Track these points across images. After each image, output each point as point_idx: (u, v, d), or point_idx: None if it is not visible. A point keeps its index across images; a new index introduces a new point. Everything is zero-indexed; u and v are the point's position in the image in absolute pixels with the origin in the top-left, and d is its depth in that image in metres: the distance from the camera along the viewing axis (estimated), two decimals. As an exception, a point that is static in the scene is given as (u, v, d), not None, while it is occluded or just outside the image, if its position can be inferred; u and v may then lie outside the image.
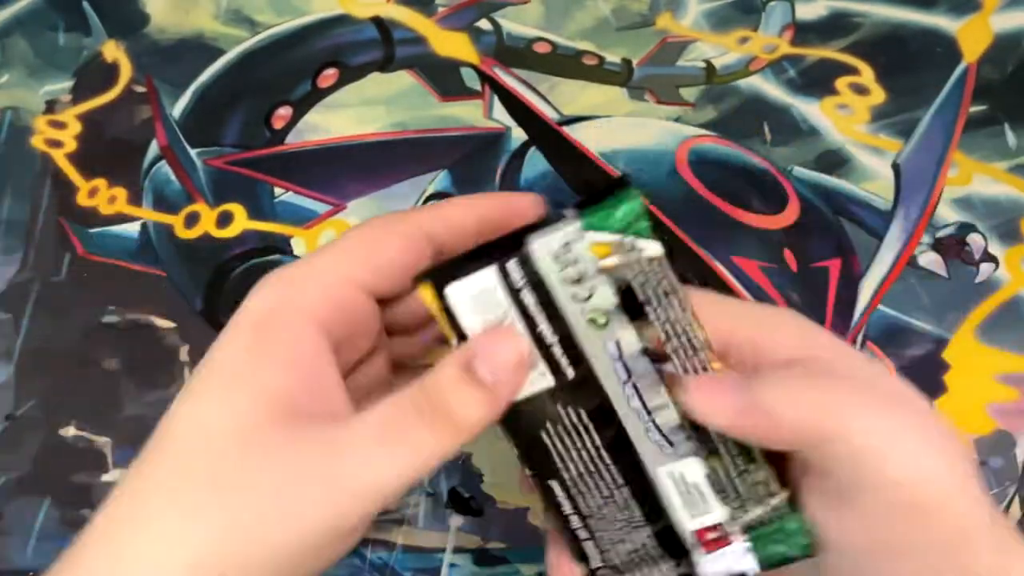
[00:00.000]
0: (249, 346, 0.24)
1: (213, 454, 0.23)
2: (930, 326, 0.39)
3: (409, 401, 0.23)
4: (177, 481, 0.23)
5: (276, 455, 0.23)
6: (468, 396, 0.23)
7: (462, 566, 0.36)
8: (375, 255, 0.26)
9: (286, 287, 0.25)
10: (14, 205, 0.41)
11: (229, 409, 0.23)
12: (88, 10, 0.44)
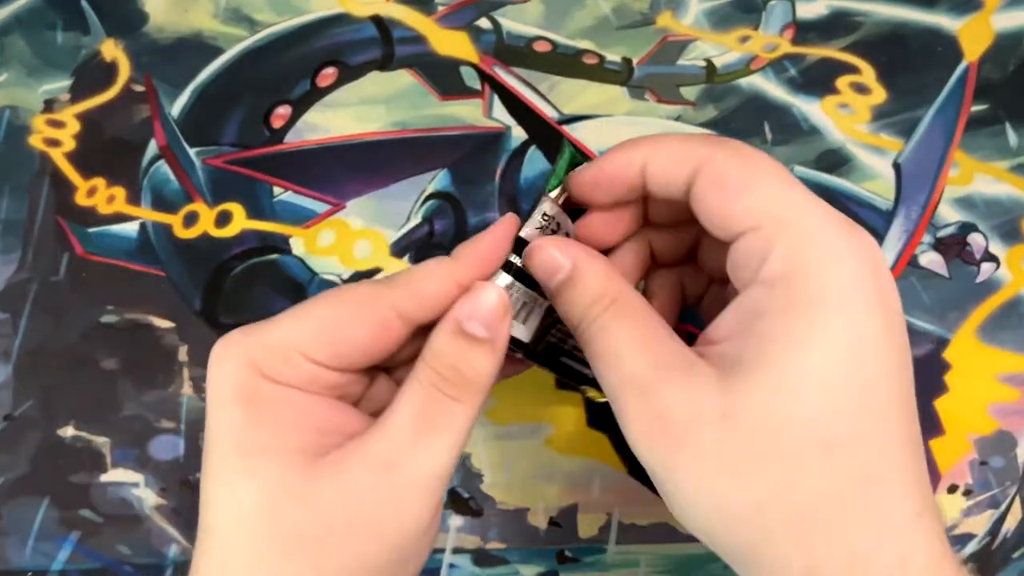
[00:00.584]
0: (245, 420, 0.24)
1: (272, 526, 0.23)
2: (931, 326, 0.39)
3: (426, 386, 0.25)
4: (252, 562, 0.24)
5: (331, 496, 0.24)
6: (473, 355, 0.25)
7: (461, 566, 0.36)
8: (336, 340, 0.25)
9: (250, 359, 0.25)
10: (12, 204, 0.41)
11: (262, 481, 0.24)
12: (87, 9, 0.44)
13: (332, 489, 0.24)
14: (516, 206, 0.41)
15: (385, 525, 0.24)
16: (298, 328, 0.25)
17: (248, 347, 0.25)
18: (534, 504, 0.37)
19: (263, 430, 0.24)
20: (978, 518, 0.37)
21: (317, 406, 0.26)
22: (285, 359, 0.25)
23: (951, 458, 0.37)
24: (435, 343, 0.25)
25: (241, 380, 0.25)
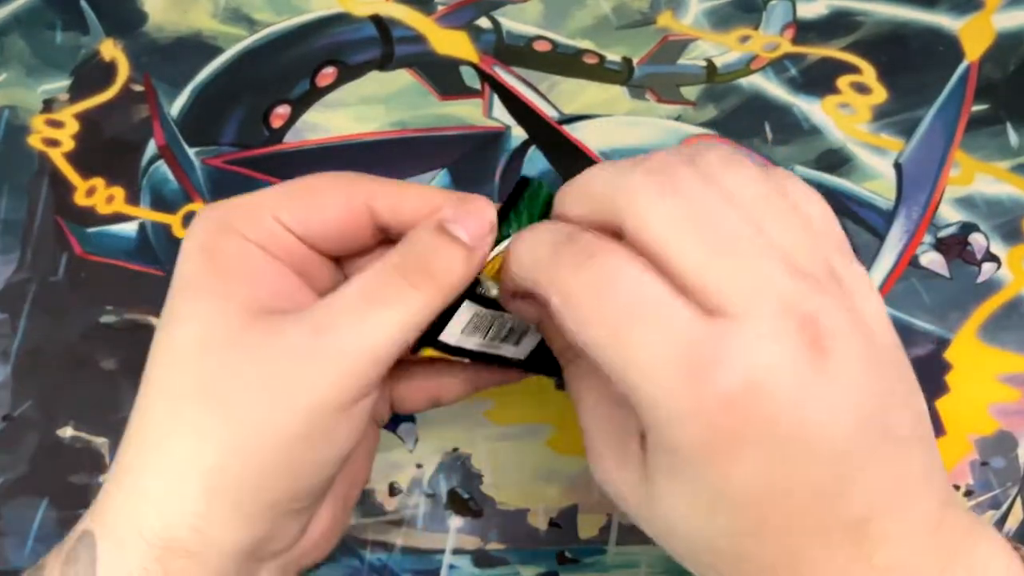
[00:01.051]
0: (203, 265, 0.25)
1: (197, 368, 0.24)
2: (932, 326, 0.39)
3: (390, 265, 0.24)
4: (170, 406, 0.24)
5: (258, 348, 0.23)
6: (448, 253, 0.24)
7: (461, 567, 0.36)
8: (306, 207, 0.26)
9: (219, 217, 0.26)
10: (11, 204, 0.41)
11: (199, 323, 0.24)
12: (86, 9, 0.44)
13: (258, 343, 0.23)
14: (516, 206, 0.41)
15: (299, 390, 0.23)
16: (272, 192, 0.26)
17: (223, 209, 0.26)
18: (534, 505, 0.37)
19: (216, 276, 0.25)
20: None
21: (273, 268, 0.26)
22: (254, 216, 0.26)
23: (952, 459, 0.37)
24: (410, 235, 0.25)
25: (208, 233, 0.25)
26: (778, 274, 0.21)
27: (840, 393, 0.20)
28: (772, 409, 0.20)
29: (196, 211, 0.28)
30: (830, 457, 0.21)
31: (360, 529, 0.36)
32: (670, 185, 0.21)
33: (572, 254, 0.22)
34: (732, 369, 0.20)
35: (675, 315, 0.20)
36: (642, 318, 0.21)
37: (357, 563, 0.36)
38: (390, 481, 0.37)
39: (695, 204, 0.21)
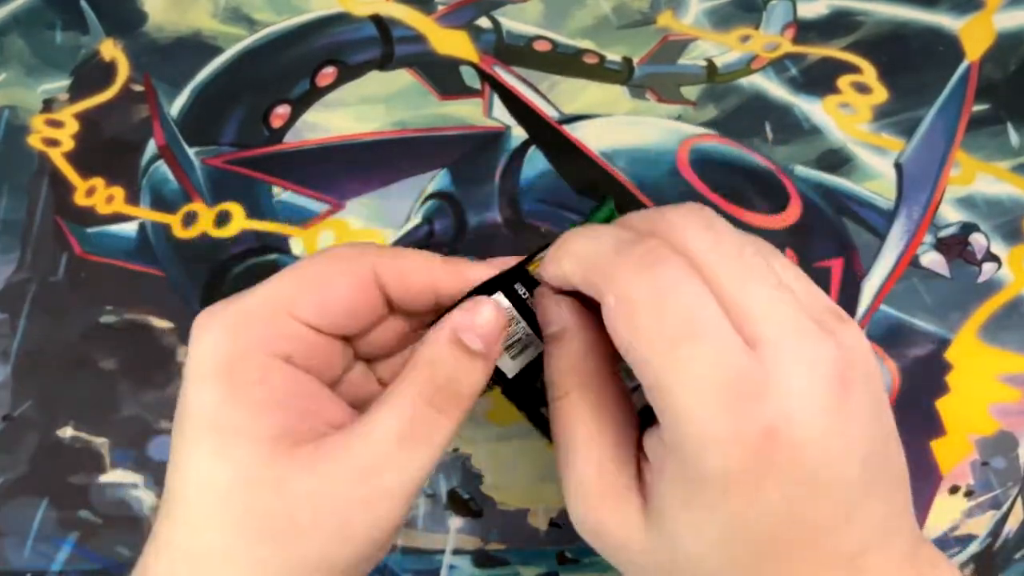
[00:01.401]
0: (224, 397, 0.24)
1: (244, 506, 0.23)
2: (932, 326, 0.39)
3: (416, 395, 0.24)
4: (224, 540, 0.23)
5: (305, 491, 0.23)
6: (468, 368, 0.25)
7: (461, 567, 0.36)
8: (321, 296, 0.25)
9: (233, 328, 0.24)
10: (11, 204, 0.41)
11: (234, 464, 0.23)
12: (86, 8, 0.44)
13: (308, 485, 0.23)
14: (516, 206, 0.40)
15: (356, 529, 0.24)
16: (283, 286, 0.25)
17: (230, 315, 0.24)
18: (534, 505, 0.37)
19: (240, 410, 0.24)
20: (979, 519, 0.36)
21: (298, 386, 0.25)
22: (270, 319, 0.25)
23: (952, 459, 0.37)
24: (430, 352, 0.25)
25: (221, 353, 0.24)
26: (802, 315, 0.22)
27: (856, 430, 0.21)
28: (802, 442, 0.21)
29: (199, 319, 0.25)
30: (840, 491, 0.22)
31: (360, 529, 0.36)
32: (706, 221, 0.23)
33: (638, 255, 0.22)
34: (772, 402, 0.21)
35: (729, 340, 0.21)
36: (700, 337, 0.21)
37: (357, 563, 0.36)
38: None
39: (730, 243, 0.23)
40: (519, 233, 0.40)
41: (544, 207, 0.41)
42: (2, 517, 0.37)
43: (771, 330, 0.21)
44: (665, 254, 0.22)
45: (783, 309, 0.22)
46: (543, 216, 0.40)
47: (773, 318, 0.21)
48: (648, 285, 0.22)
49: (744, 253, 0.22)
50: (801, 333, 0.21)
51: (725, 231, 0.23)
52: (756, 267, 0.22)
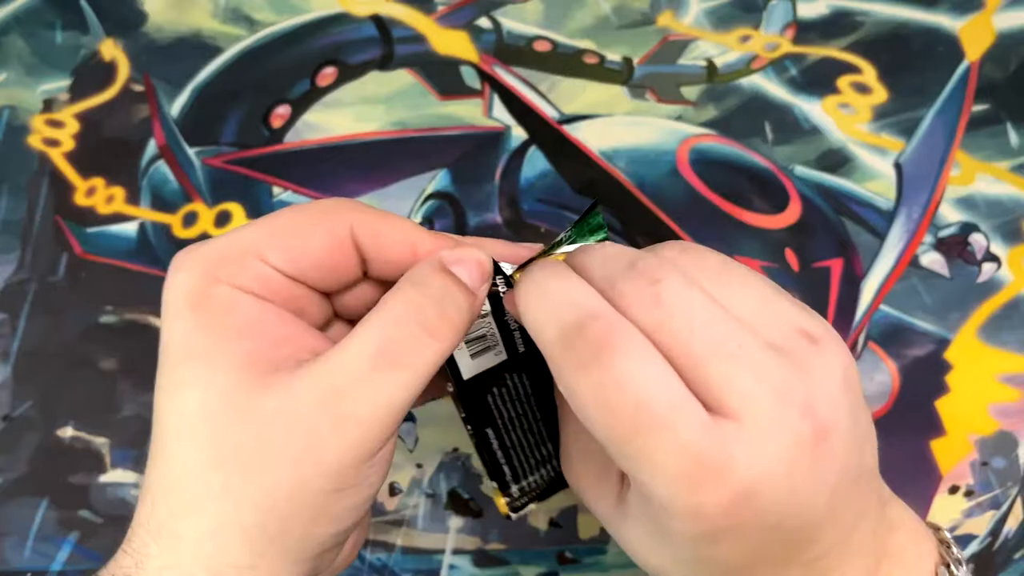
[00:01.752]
0: (195, 325, 0.24)
1: (214, 436, 0.23)
2: (932, 326, 0.39)
3: (399, 315, 0.23)
4: (196, 474, 0.23)
5: (274, 415, 0.23)
6: (458, 295, 0.24)
7: (461, 567, 0.36)
8: (292, 243, 0.25)
9: (202, 264, 0.24)
10: (11, 204, 0.40)
11: (204, 390, 0.23)
12: (86, 8, 0.44)
13: (275, 407, 0.23)
14: (516, 206, 0.40)
15: (326, 452, 0.23)
16: (254, 231, 0.25)
17: (203, 254, 0.24)
18: (535, 505, 0.37)
19: (211, 336, 0.23)
20: (979, 519, 0.36)
21: (270, 314, 0.24)
22: (239, 261, 0.24)
23: (952, 459, 0.37)
24: (417, 274, 0.24)
25: (193, 285, 0.24)
26: (769, 363, 0.21)
27: (829, 469, 0.21)
28: (767, 505, 0.21)
29: (174, 259, 0.25)
30: (807, 526, 0.22)
31: (360, 529, 0.36)
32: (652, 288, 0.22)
33: (579, 347, 0.21)
34: (735, 477, 0.20)
35: (686, 421, 0.21)
36: (652, 426, 0.21)
37: (357, 563, 0.36)
38: (390, 481, 0.37)
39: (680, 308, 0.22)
40: (519, 233, 0.40)
41: (544, 207, 0.41)
42: (2, 517, 0.37)
43: (734, 400, 0.21)
44: (607, 340, 0.21)
45: (743, 376, 0.21)
46: (543, 216, 0.40)
47: (734, 387, 0.21)
48: (591, 382, 0.21)
49: (697, 321, 0.21)
50: (766, 389, 0.21)
51: (675, 298, 0.22)
52: (714, 335, 0.21)
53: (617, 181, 0.41)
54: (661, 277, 0.22)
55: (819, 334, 0.22)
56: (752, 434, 0.21)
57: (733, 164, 0.41)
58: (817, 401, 0.21)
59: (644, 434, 0.21)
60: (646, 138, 0.42)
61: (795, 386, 0.21)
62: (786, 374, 0.21)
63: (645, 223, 0.40)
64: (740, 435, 0.21)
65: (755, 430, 0.21)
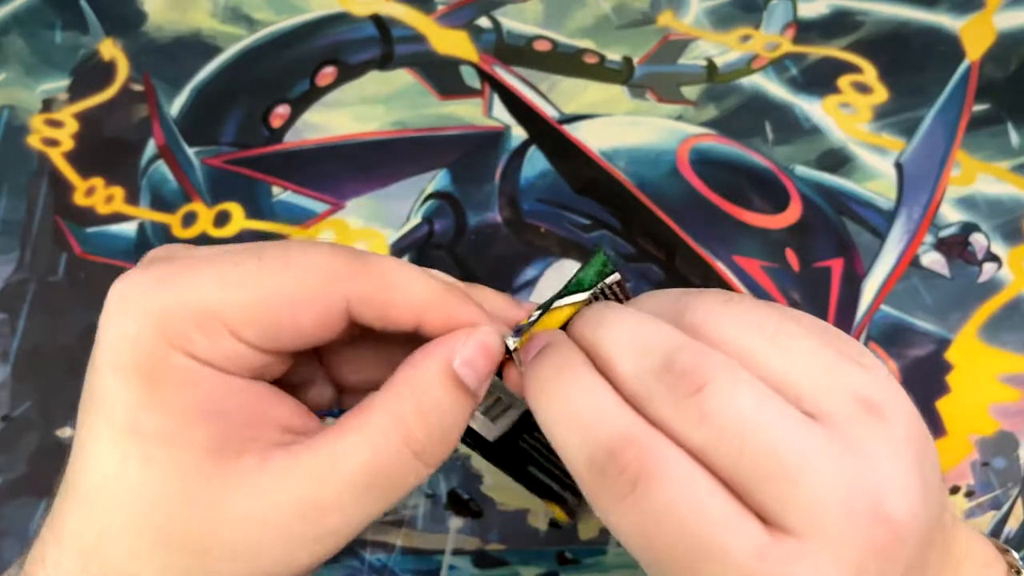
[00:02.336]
0: (144, 402, 0.20)
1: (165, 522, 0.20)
2: (933, 326, 0.39)
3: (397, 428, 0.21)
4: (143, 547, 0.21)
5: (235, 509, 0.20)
6: (459, 407, 0.22)
7: (461, 568, 0.36)
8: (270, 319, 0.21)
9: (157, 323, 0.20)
10: (10, 204, 0.40)
11: (161, 472, 0.20)
12: (85, 8, 0.44)
13: (244, 507, 0.20)
14: (516, 206, 0.40)
15: (301, 560, 0.21)
16: (230, 296, 0.20)
17: (159, 304, 0.20)
18: (534, 505, 0.37)
19: (166, 416, 0.20)
20: (980, 519, 0.36)
21: (235, 390, 0.21)
22: (204, 329, 0.20)
23: (953, 459, 0.37)
24: (418, 376, 0.22)
25: (144, 346, 0.20)
26: (829, 456, 0.19)
27: (901, 562, 0.19)
28: None
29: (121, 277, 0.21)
30: None
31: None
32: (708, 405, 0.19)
33: (614, 478, 0.19)
34: None
35: (739, 546, 0.19)
36: (703, 557, 0.19)
37: (357, 563, 0.36)
38: (390, 481, 0.37)
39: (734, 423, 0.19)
40: (519, 233, 0.40)
41: (544, 207, 0.41)
42: (2, 517, 0.37)
43: (794, 518, 0.18)
44: (646, 465, 0.19)
45: (802, 491, 0.18)
46: (543, 216, 0.40)
47: (791, 504, 0.18)
48: (631, 514, 0.19)
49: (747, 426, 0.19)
50: (830, 510, 0.18)
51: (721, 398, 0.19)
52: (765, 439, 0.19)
53: (617, 181, 0.41)
54: (706, 380, 0.19)
55: (879, 400, 0.20)
56: (818, 551, 0.18)
57: (733, 164, 0.41)
58: (888, 496, 0.19)
59: (696, 566, 0.19)
60: (646, 138, 0.42)
61: (861, 483, 0.19)
62: (852, 470, 0.19)
63: (645, 223, 0.40)
64: (803, 554, 0.18)
65: (821, 546, 0.18)
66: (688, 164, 0.41)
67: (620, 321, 0.21)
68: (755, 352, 0.20)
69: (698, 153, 0.41)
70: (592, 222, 0.40)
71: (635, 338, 0.20)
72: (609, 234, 0.40)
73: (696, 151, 0.41)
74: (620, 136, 0.42)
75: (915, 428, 0.20)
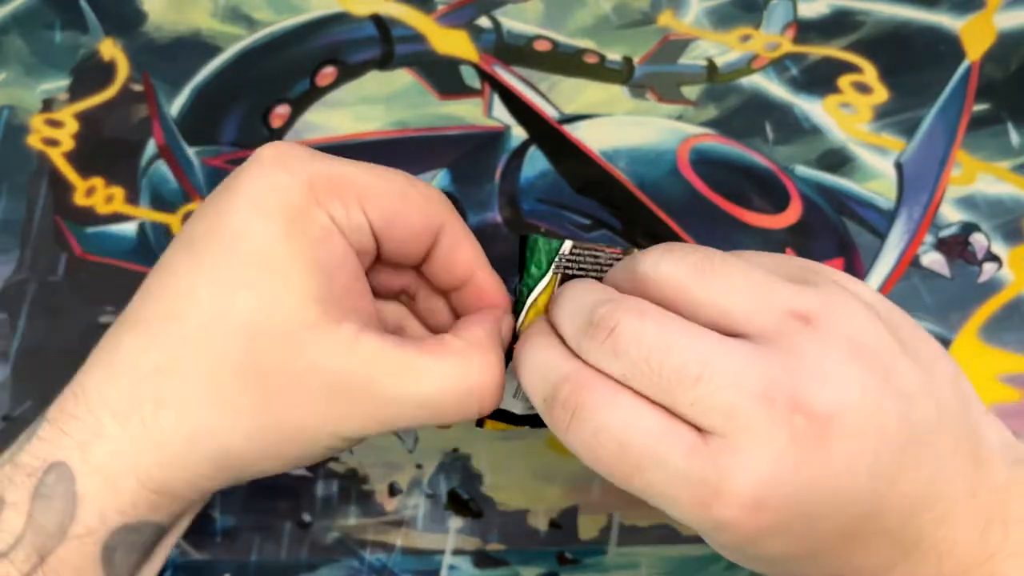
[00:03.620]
0: (284, 238, 0.23)
1: (252, 349, 0.22)
2: (933, 326, 0.39)
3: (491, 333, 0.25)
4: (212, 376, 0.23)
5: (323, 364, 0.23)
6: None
7: (461, 568, 0.36)
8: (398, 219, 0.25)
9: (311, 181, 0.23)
10: (10, 204, 0.40)
11: (264, 301, 0.22)
12: (85, 8, 0.44)
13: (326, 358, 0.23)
14: (516, 206, 0.40)
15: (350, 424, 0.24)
16: (365, 176, 0.24)
17: (310, 167, 0.23)
18: (534, 505, 0.37)
19: (298, 259, 0.23)
20: (980, 519, 0.36)
21: (350, 262, 0.24)
22: (344, 196, 0.24)
23: (953, 459, 0.37)
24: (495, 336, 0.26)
25: (294, 197, 0.23)
26: (748, 365, 0.21)
27: (852, 447, 0.21)
28: (790, 504, 0.21)
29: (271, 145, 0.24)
30: (864, 501, 0.21)
31: (360, 529, 0.36)
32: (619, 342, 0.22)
33: (558, 410, 0.23)
34: (737, 491, 0.21)
35: (671, 450, 0.21)
36: (642, 465, 0.21)
37: (357, 563, 0.36)
38: (390, 481, 0.37)
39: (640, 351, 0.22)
40: (519, 233, 0.40)
41: (544, 207, 0.41)
42: (2, 517, 0.37)
43: (714, 418, 0.21)
44: (581, 398, 0.22)
45: (716, 393, 0.21)
46: (543, 216, 0.40)
47: (708, 407, 0.21)
48: (577, 439, 0.22)
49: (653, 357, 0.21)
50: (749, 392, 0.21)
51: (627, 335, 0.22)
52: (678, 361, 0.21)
53: (617, 181, 0.41)
54: (614, 324, 0.22)
55: (813, 310, 0.22)
56: (742, 444, 0.21)
57: (733, 164, 0.41)
58: (808, 390, 0.21)
59: (639, 474, 0.21)
60: (646, 138, 0.42)
61: (780, 380, 0.21)
62: (770, 369, 0.21)
63: (645, 223, 0.40)
64: (730, 449, 0.21)
65: (744, 440, 0.21)
66: (688, 164, 0.41)
67: (563, 295, 0.25)
68: (686, 287, 0.22)
69: (698, 153, 0.41)
70: (592, 222, 0.40)
71: (571, 305, 0.24)
72: (609, 234, 0.40)
73: (696, 151, 0.41)
74: (620, 136, 0.42)
75: (850, 324, 0.22)
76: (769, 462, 0.20)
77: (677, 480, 0.21)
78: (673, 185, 0.41)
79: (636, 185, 0.41)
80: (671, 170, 0.41)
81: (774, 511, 0.21)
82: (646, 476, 0.21)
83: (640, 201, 0.40)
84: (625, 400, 0.22)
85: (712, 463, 0.21)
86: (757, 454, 0.20)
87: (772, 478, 0.20)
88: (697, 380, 0.21)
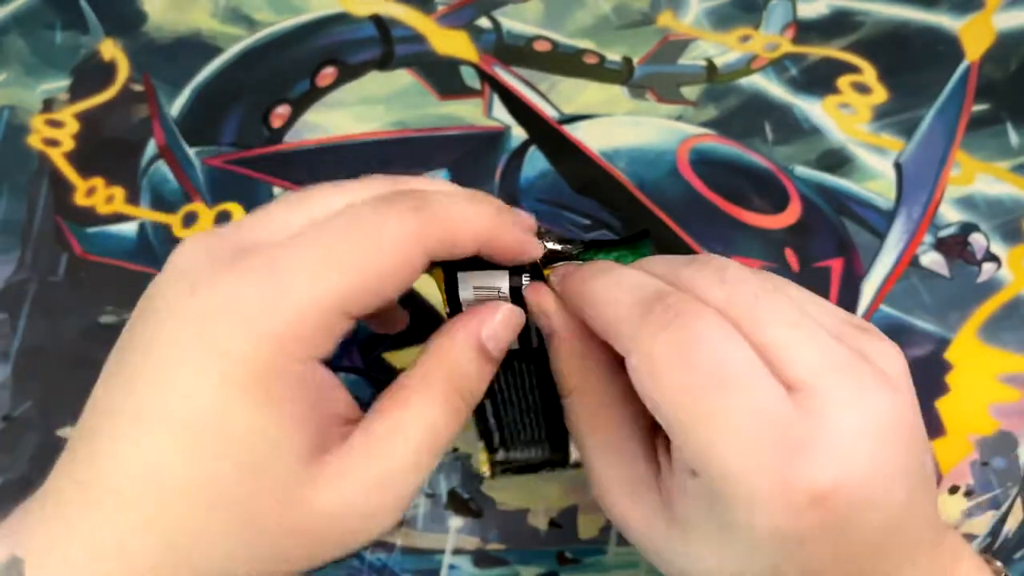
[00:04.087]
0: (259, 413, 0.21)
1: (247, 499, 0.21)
2: (932, 326, 0.39)
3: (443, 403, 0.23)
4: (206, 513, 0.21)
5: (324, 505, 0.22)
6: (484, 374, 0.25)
7: (461, 568, 0.36)
8: (379, 293, 0.22)
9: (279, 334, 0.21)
10: (11, 204, 0.40)
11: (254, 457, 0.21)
12: (86, 8, 0.44)
13: (332, 502, 0.22)
14: (516, 206, 0.40)
15: (354, 539, 0.23)
16: (341, 281, 0.21)
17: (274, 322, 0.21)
18: (534, 505, 0.37)
19: (277, 429, 0.21)
20: (979, 519, 0.36)
21: (324, 387, 0.22)
22: (324, 326, 0.21)
23: (952, 459, 0.37)
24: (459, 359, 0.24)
25: (262, 362, 0.20)
26: (836, 345, 0.21)
27: (901, 465, 0.21)
28: (852, 504, 0.20)
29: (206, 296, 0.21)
30: (885, 527, 0.21)
31: (360, 529, 0.36)
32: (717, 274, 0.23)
33: (659, 312, 0.21)
34: (823, 459, 0.19)
35: (767, 386, 0.20)
36: (734, 385, 0.20)
37: (357, 563, 0.36)
38: (390, 481, 0.37)
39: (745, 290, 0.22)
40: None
41: (544, 207, 0.41)
42: (2, 517, 0.37)
43: (808, 374, 0.20)
44: (686, 307, 0.21)
45: (815, 350, 0.20)
46: (543, 216, 0.40)
47: (807, 360, 0.20)
48: (671, 340, 0.21)
49: (760, 296, 0.21)
50: (840, 373, 0.20)
51: (738, 279, 0.22)
52: (777, 307, 0.21)
53: (617, 181, 0.41)
54: (724, 266, 0.22)
55: (868, 326, 0.23)
56: (833, 415, 0.20)
57: (733, 164, 0.41)
58: (890, 397, 0.21)
59: (725, 392, 0.20)
60: (646, 138, 0.42)
61: (867, 378, 0.20)
62: (855, 363, 0.21)
63: (645, 223, 0.40)
64: (822, 412, 0.20)
65: (836, 411, 0.20)
66: (688, 164, 0.41)
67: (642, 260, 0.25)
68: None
69: (698, 153, 0.41)
70: (592, 222, 0.40)
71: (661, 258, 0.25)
72: (609, 234, 0.40)
73: (696, 151, 0.41)
74: (620, 136, 0.42)
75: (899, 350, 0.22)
76: (861, 444, 0.20)
77: (765, 416, 0.20)
78: (673, 185, 0.41)
79: (636, 185, 0.41)
80: (671, 170, 0.41)
81: (842, 510, 0.20)
82: (733, 397, 0.20)
83: (640, 201, 0.40)
84: (730, 328, 0.21)
85: (806, 416, 0.20)
86: (855, 431, 0.20)
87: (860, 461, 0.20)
88: (799, 324, 0.21)
